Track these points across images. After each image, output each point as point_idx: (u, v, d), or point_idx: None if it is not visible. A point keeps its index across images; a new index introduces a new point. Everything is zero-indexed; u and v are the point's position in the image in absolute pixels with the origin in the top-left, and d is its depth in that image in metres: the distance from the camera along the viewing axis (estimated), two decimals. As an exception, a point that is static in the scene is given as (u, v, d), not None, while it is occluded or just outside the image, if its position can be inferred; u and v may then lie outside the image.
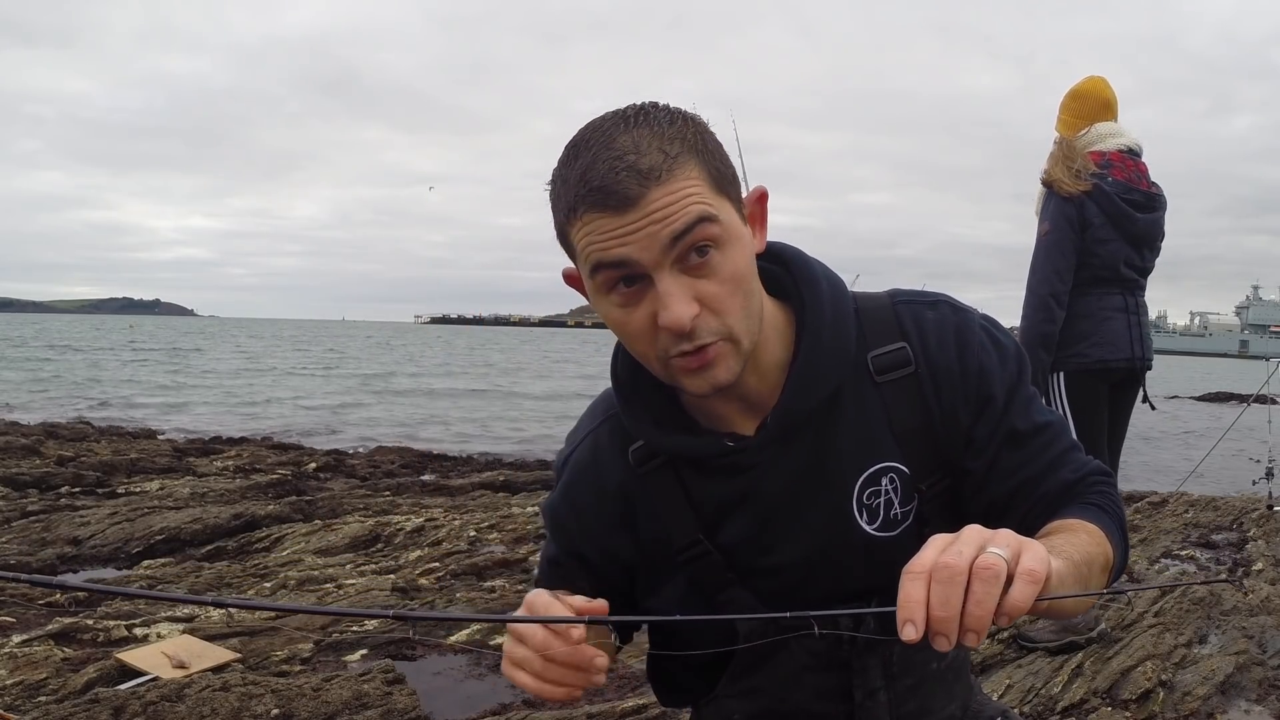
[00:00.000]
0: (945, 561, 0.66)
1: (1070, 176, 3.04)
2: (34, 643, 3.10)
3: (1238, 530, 5.25)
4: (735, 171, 0.91)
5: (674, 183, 0.83)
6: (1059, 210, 3.06)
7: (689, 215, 0.83)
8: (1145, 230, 3.10)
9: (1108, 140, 3.14)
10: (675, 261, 0.84)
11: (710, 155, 0.87)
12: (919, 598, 0.65)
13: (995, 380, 0.99)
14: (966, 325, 1.01)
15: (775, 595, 1.02)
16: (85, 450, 7.87)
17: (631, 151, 0.82)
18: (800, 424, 0.97)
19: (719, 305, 0.87)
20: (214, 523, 5.03)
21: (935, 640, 0.65)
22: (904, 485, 0.99)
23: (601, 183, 0.82)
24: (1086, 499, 0.97)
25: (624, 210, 0.82)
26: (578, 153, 0.85)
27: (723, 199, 0.87)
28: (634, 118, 0.85)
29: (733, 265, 0.87)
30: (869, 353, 0.99)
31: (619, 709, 2.67)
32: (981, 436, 0.99)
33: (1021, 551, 0.67)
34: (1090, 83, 3.24)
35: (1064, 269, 3.06)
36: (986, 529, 0.70)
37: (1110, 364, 3.10)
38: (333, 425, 13.48)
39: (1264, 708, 2.62)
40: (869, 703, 1.01)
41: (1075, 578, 0.80)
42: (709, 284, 0.86)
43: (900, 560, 1.00)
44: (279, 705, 2.57)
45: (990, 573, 0.65)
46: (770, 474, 0.98)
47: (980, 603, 0.64)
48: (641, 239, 0.83)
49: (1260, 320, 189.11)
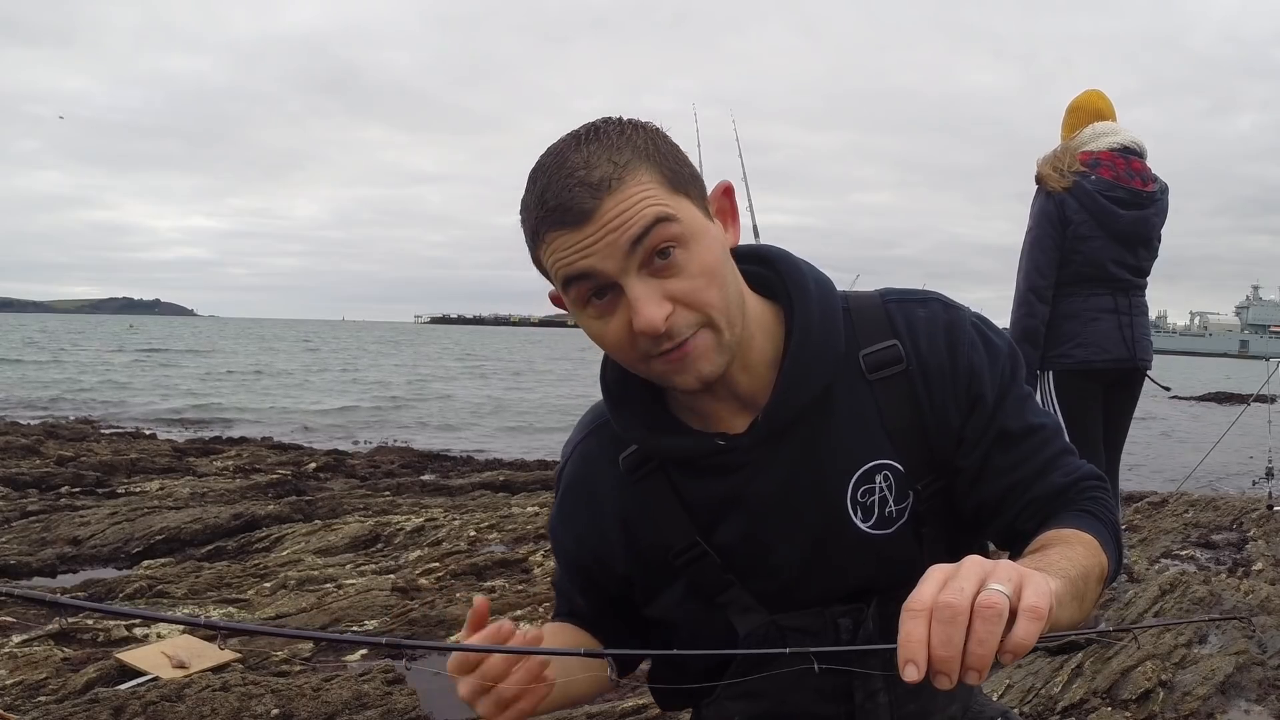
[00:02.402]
0: (946, 600, 0.65)
1: (1055, 174, 3.10)
2: (34, 643, 3.10)
3: (1238, 530, 5.25)
4: (694, 170, 0.92)
5: (625, 189, 0.84)
6: (1041, 208, 3.13)
7: (645, 218, 0.84)
8: (1131, 227, 3.11)
9: (1100, 140, 3.16)
10: (641, 266, 0.86)
11: (663, 158, 0.88)
12: (920, 637, 0.64)
13: (986, 378, 0.99)
14: (958, 323, 1.01)
15: (773, 595, 1.02)
16: (85, 450, 7.87)
17: (582, 167, 0.85)
18: (791, 421, 0.97)
19: (692, 299, 0.87)
20: (214, 523, 5.03)
21: (937, 679, 0.64)
22: (898, 483, 0.99)
23: (557, 201, 0.85)
24: (1079, 505, 0.97)
25: (581, 224, 0.84)
26: (535, 179, 0.88)
27: (680, 197, 0.88)
28: (585, 136, 0.88)
29: (699, 260, 0.88)
30: (860, 351, 0.99)
31: (619, 709, 2.67)
32: (972, 435, 0.99)
33: (1023, 586, 0.66)
34: (1085, 97, 3.31)
35: (1044, 265, 3.10)
36: (987, 561, 0.69)
37: (1095, 365, 3.11)
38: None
39: (1264, 708, 2.62)
40: (869, 704, 1.01)
41: (1073, 595, 0.80)
42: (678, 282, 0.87)
43: (896, 558, 1.00)
44: (279, 705, 2.57)
45: (993, 612, 0.64)
46: (763, 473, 0.99)
47: (983, 642, 0.64)
48: (602, 248, 0.85)
49: (1260, 320, 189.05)
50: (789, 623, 1.02)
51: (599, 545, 1.07)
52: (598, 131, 0.88)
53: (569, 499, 1.10)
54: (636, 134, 0.88)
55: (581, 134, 0.88)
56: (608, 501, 1.06)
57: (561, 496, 1.11)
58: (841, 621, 1.01)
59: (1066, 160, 3.12)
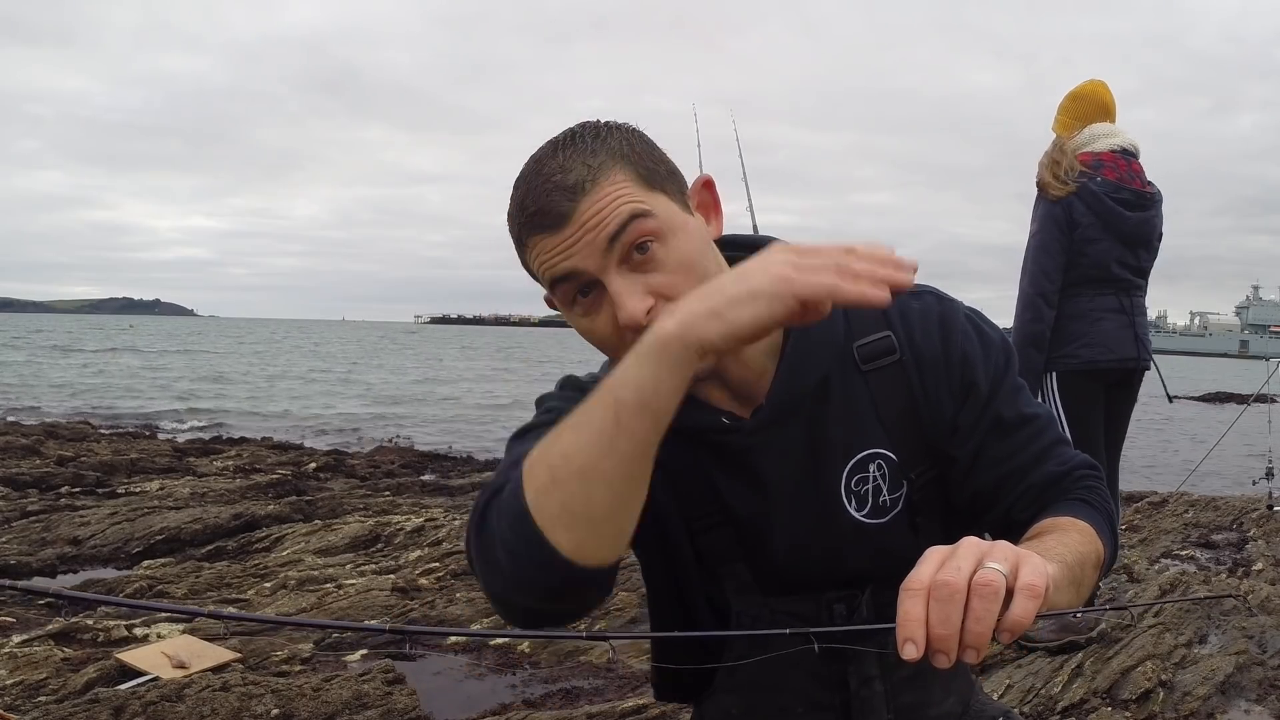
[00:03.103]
0: (943, 579, 0.66)
1: (1056, 179, 3.08)
2: (34, 643, 3.10)
3: (1238, 530, 5.26)
4: (671, 166, 0.94)
5: (599, 190, 0.87)
6: (1046, 212, 3.10)
7: (620, 215, 0.87)
8: (1136, 229, 3.11)
9: (1100, 141, 3.15)
10: (620, 262, 0.88)
11: (638, 157, 0.91)
12: (918, 616, 0.65)
13: (979, 367, 1.00)
14: (951, 313, 1.02)
15: (768, 578, 1.03)
16: (85, 450, 7.87)
17: (558, 172, 0.88)
18: (794, 407, 0.98)
19: (673, 291, 0.88)
20: (214, 523, 5.03)
21: (935, 658, 0.65)
22: (892, 472, 1.00)
23: (536, 206, 0.88)
24: (1074, 493, 0.97)
25: (560, 227, 0.88)
26: (517, 187, 0.92)
27: (656, 194, 0.90)
28: (562, 142, 0.91)
29: (679, 253, 0.89)
30: (855, 342, 1.01)
31: (619, 709, 2.67)
32: (966, 424, 1.00)
33: (1020, 565, 0.67)
34: (1090, 85, 3.26)
35: (1051, 269, 3.09)
36: (984, 541, 0.70)
37: (1101, 365, 3.11)
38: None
39: (1264, 708, 2.62)
40: (864, 691, 1.02)
41: (1070, 580, 0.80)
42: (658, 276, 0.89)
43: (891, 547, 1.01)
44: (279, 705, 2.58)
45: (989, 589, 0.65)
46: (767, 456, 1.00)
47: (980, 620, 0.64)
48: (581, 248, 0.88)
49: (1260, 320, 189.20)
50: (783, 607, 1.03)
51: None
52: (574, 137, 0.91)
53: None
54: (611, 135, 0.91)
55: (559, 140, 0.92)
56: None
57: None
58: (836, 607, 1.02)
59: (1065, 164, 3.10)
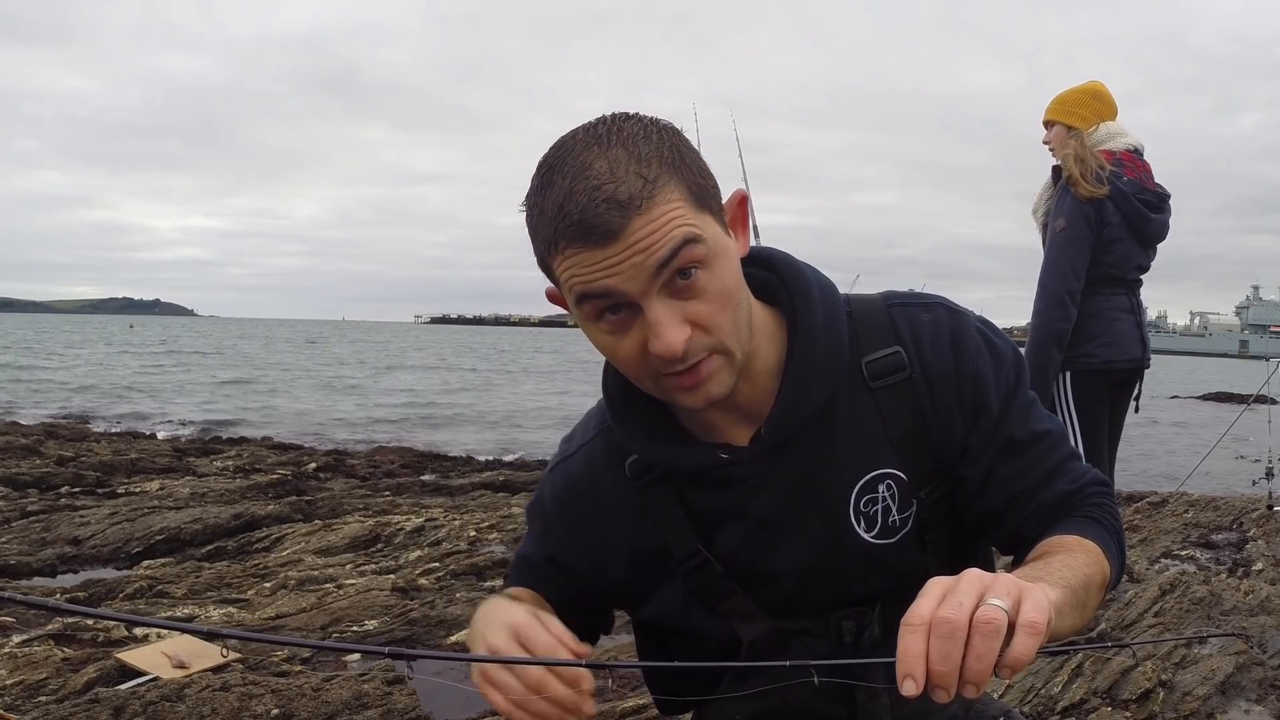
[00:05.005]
0: (945, 615, 0.65)
1: (1090, 179, 3.01)
2: (34, 643, 3.10)
3: (1238, 530, 5.25)
4: (714, 181, 0.88)
5: (655, 209, 0.80)
6: (1076, 208, 3.02)
7: (673, 240, 0.81)
8: (1157, 231, 3.11)
9: (1116, 139, 3.12)
10: (662, 287, 0.82)
11: (689, 170, 0.84)
12: (918, 651, 0.64)
13: (991, 386, 0.98)
14: (962, 328, 0.99)
15: (777, 604, 1.01)
16: (85, 450, 7.87)
17: (609, 180, 0.79)
18: (795, 433, 0.95)
19: (709, 322, 0.85)
20: (214, 523, 5.03)
21: (934, 693, 0.65)
22: (901, 492, 0.98)
23: (581, 216, 0.79)
24: (1083, 511, 0.96)
25: (607, 244, 0.80)
26: (552, 178, 0.82)
27: (705, 214, 0.84)
28: (607, 137, 0.82)
29: (720, 282, 0.85)
30: (863, 358, 0.97)
31: (619, 709, 2.66)
32: (977, 444, 0.98)
33: (1022, 600, 0.66)
34: (1104, 86, 3.23)
35: (1080, 267, 3.02)
36: (986, 574, 0.69)
37: (1117, 365, 3.10)
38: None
39: (1264, 708, 2.62)
40: (871, 704, 1.01)
41: (1074, 604, 0.79)
42: (698, 304, 0.84)
43: (900, 567, 0.99)
44: (279, 705, 2.57)
45: (991, 627, 0.64)
46: (767, 485, 0.97)
47: (980, 657, 0.64)
48: (626, 270, 0.81)
49: (1260, 320, 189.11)
50: (792, 625, 1.01)
51: (599, 550, 1.05)
52: (621, 133, 0.82)
53: (570, 496, 1.07)
54: (663, 140, 0.83)
55: (603, 134, 0.82)
56: (612, 505, 1.04)
57: (560, 488, 1.08)
58: (845, 625, 1.00)
59: (1094, 163, 3.04)
